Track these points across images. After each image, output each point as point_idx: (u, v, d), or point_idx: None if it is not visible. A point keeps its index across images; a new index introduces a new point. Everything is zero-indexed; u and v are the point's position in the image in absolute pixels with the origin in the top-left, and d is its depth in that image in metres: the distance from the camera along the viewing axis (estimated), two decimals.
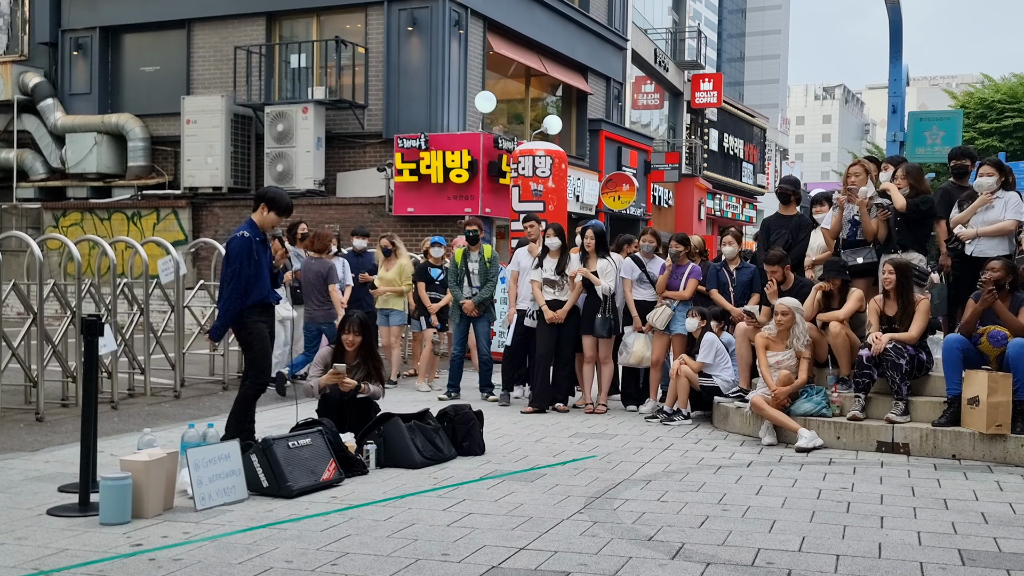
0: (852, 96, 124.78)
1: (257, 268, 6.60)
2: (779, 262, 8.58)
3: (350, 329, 7.32)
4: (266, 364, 6.84)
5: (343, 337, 7.35)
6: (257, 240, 6.65)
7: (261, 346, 6.72)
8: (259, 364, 6.73)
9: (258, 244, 6.66)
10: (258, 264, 6.61)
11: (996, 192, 7.96)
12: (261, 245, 6.71)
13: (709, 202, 34.45)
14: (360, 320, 7.37)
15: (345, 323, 7.42)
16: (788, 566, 4.47)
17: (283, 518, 5.27)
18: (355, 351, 7.32)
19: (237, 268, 6.52)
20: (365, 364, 7.34)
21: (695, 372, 8.72)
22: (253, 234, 6.64)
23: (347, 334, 7.32)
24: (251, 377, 6.76)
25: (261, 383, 6.76)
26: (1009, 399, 7.00)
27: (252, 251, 6.55)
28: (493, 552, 4.65)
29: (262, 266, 6.67)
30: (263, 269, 6.68)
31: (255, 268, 6.57)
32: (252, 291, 6.57)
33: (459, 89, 18.94)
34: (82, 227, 20.41)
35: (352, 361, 7.29)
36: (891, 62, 14.08)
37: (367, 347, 7.40)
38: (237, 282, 6.53)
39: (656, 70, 31.09)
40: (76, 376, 8.99)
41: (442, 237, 11.87)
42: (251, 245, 6.55)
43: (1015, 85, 30.73)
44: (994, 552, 4.73)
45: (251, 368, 6.80)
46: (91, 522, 5.11)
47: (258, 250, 6.64)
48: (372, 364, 7.37)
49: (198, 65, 20.47)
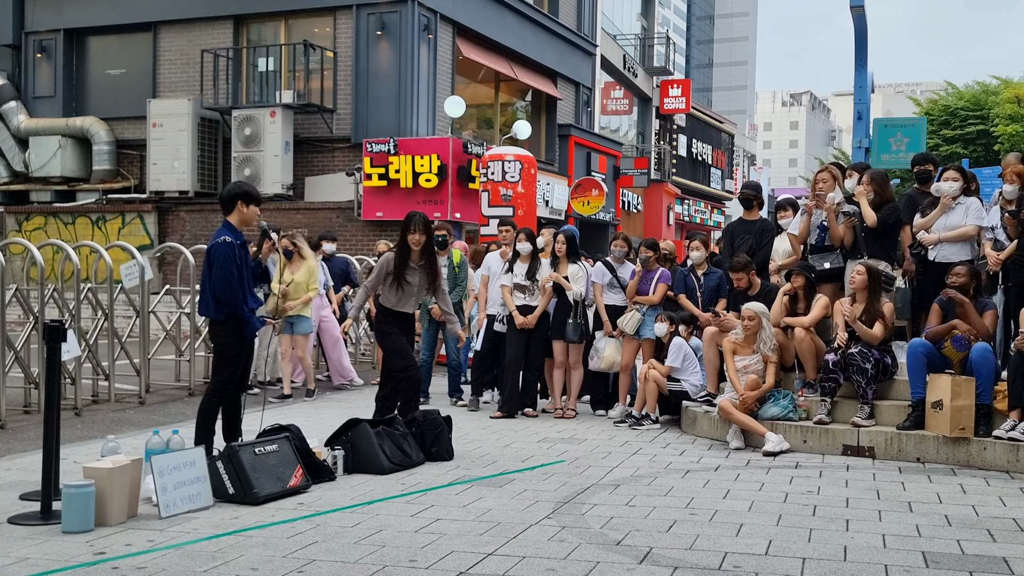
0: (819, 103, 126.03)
1: (239, 275, 6.34)
2: (743, 269, 8.65)
3: (415, 228, 7.53)
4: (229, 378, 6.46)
5: (409, 237, 7.56)
6: (238, 244, 6.39)
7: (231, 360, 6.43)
8: (224, 376, 6.47)
9: (239, 248, 6.39)
10: (240, 271, 6.34)
11: (958, 198, 8.06)
12: (241, 249, 6.43)
13: (678, 207, 34.64)
14: (424, 219, 7.64)
15: (410, 222, 7.59)
16: (755, 569, 4.49)
17: (249, 525, 5.22)
18: (420, 251, 7.62)
19: (226, 272, 6.26)
20: (429, 268, 7.70)
21: (663, 376, 8.75)
22: (235, 238, 6.39)
23: (413, 233, 7.54)
24: (212, 384, 6.57)
25: (221, 394, 6.51)
26: (972, 403, 7.08)
27: (236, 256, 6.32)
28: (461, 558, 4.64)
29: (244, 275, 6.40)
30: (245, 277, 6.42)
31: (238, 275, 6.33)
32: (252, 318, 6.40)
33: (428, 94, 18.92)
34: (46, 231, 20.17)
35: (418, 261, 7.63)
36: (856, 69, 14.23)
37: (429, 244, 7.68)
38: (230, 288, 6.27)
39: (625, 76, 31.24)
40: (39, 382, 8.86)
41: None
42: (235, 250, 6.33)
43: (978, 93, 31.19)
44: (957, 554, 4.77)
45: (215, 375, 6.57)
46: (53, 530, 5.04)
47: (240, 255, 6.38)
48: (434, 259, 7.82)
49: (164, 68, 20.31)
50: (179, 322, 11.96)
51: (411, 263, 7.68)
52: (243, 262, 6.41)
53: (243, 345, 6.51)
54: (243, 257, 6.43)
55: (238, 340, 6.44)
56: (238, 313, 6.33)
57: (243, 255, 6.44)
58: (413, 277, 7.70)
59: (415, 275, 7.70)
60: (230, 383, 6.50)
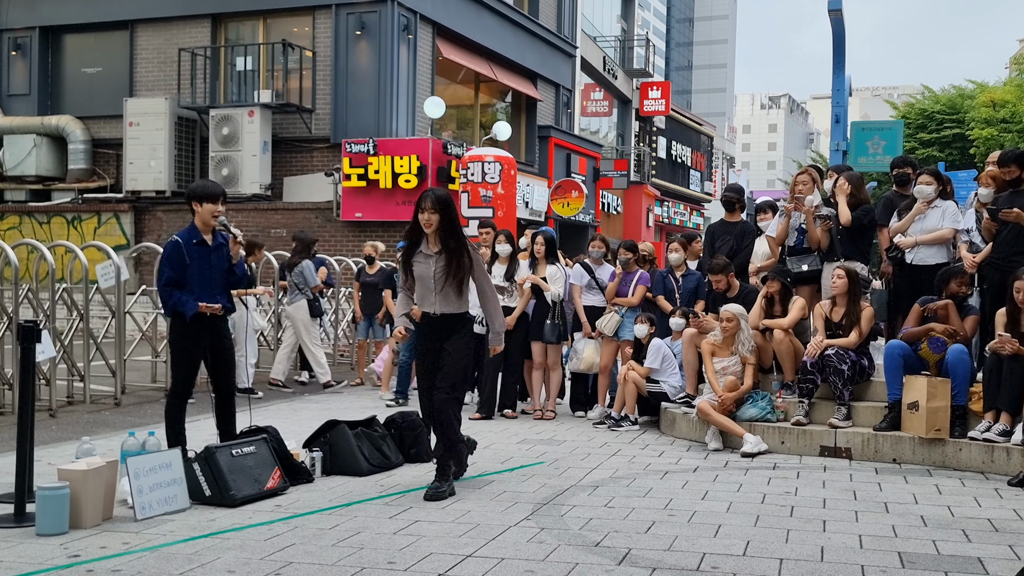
0: (797, 106, 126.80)
1: (181, 275, 6.23)
2: (722, 271, 8.68)
3: (424, 206, 6.03)
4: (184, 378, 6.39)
5: (419, 216, 6.11)
6: (194, 243, 6.29)
7: (181, 359, 6.37)
8: (178, 376, 6.39)
9: (194, 248, 6.29)
10: (188, 269, 6.24)
11: (934, 201, 8.13)
12: (199, 248, 6.31)
13: (657, 209, 34.75)
14: (440, 196, 6.10)
15: (421, 200, 6.12)
16: (733, 570, 4.50)
17: (226, 527, 5.18)
18: (435, 232, 6.12)
19: (159, 270, 6.30)
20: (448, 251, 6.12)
21: (643, 378, 8.77)
22: (186, 237, 6.29)
23: (422, 212, 6.07)
24: (171, 384, 6.52)
25: (181, 395, 6.42)
26: (948, 404, 7.13)
27: (181, 256, 6.23)
28: (440, 560, 4.62)
29: (195, 272, 6.27)
30: (196, 275, 6.28)
31: (181, 275, 6.23)
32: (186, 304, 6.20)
33: (408, 94, 18.89)
34: (20, 231, 19.99)
35: (434, 248, 6.15)
36: (834, 72, 14.32)
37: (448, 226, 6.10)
38: (161, 286, 6.27)
39: (605, 78, 31.31)
40: (12, 383, 8.77)
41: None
42: (179, 250, 6.24)
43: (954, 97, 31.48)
44: (933, 555, 4.80)
45: (171, 374, 6.53)
46: (27, 533, 4.98)
47: (192, 254, 6.27)
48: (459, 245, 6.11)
49: (141, 67, 20.18)
50: (155, 323, 11.87)
51: (423, 249, 6.24)
52: (194, 259, 6.27)
53: (192, 342, 6.32)
54: (195, 255, 6.27)
55: (182, 337, 6.32)
56: (179, 309, 6.21)
57: (196, 253, 6.28)
58: (426, 267, 6.18)
59: (429, 265, 6.17)
60: (184, 382, 6.39)
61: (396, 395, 10.20)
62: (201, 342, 6.39)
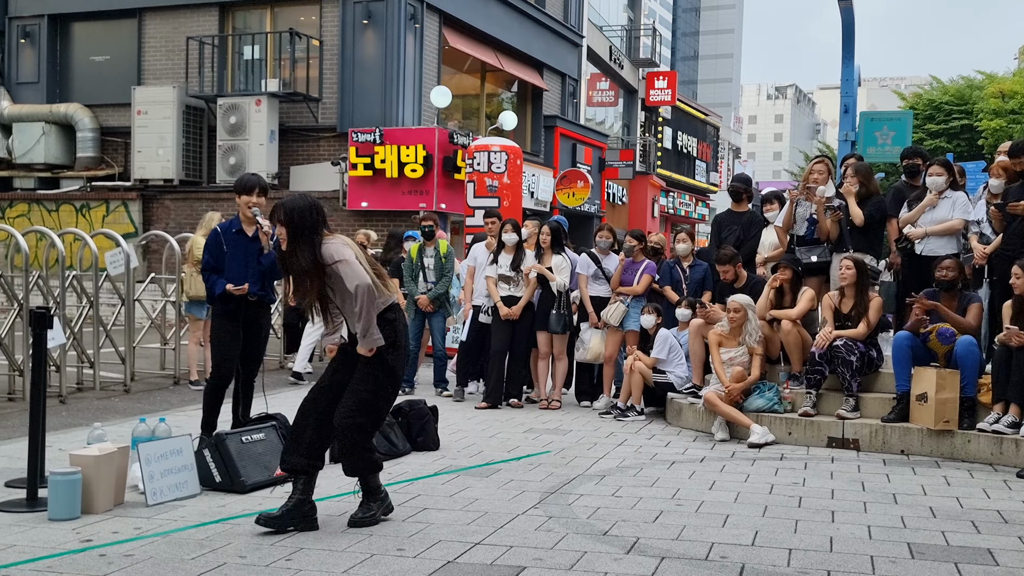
0: (804, 96, 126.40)
1: (219, 261, 6.55)
2: (730, 261, 8.67)
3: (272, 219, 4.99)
4: (219, 361, 6.59)
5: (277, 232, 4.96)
6: (233, 232, 6.62)
7: (216, 343, 6.60)
8: (214, 360, 6.64)
9: (232, 236, 6.61)
10: (223, 257, 6.55)
11: (944, 192, 8.11)
12: (237, 236, 6.61)
13: (662, 200, 34.68)
14: (284, 205, 4.91)
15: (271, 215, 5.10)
16: (742, 560, 4.51)
17: (236, 513, 5.21)
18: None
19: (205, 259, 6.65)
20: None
21: (649, 368, 8.78)
22: (226, 226, 6.68)
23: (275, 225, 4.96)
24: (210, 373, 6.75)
25: (215, 380, 6.60)
26: (956, 395, 7.13)
27: (219, 243, 6.58)
28: (448, 547, 4.65)
29: (230, 258, 6.55)
30: (231, 261, 6.54)
31: (219, 261, 6.55)
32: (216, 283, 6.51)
33: (414, 83, 18.86)
34: (29, 218, 20.01)
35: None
36: (843, 62, 14.27)
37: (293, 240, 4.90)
38: (201, 271, 6.74)
39: (611, 67, 31.23)
40: (23, 370, 8.81)
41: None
42: (217, 237, 6.61)
43: (962, 87, 31.32)
44: (943, 546, 4.81)
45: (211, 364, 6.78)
46: (39, 518, 5.02)
47: (229, 242, 6.58)
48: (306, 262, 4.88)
49: (149, 55, 20.17)
50: (164, 310, 11.91)
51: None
52: (232, 247, 6.56)
53: (226, 329, 6.54)
54: (233, 242, 6.58)
55: (218, 324, 6.59)
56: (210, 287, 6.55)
57: (234, 240, 6.58)
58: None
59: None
60: (219, 367, 6.57)
61: (403, 383, 10.21)
62: (235, 329, 6.56)
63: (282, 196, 18.56)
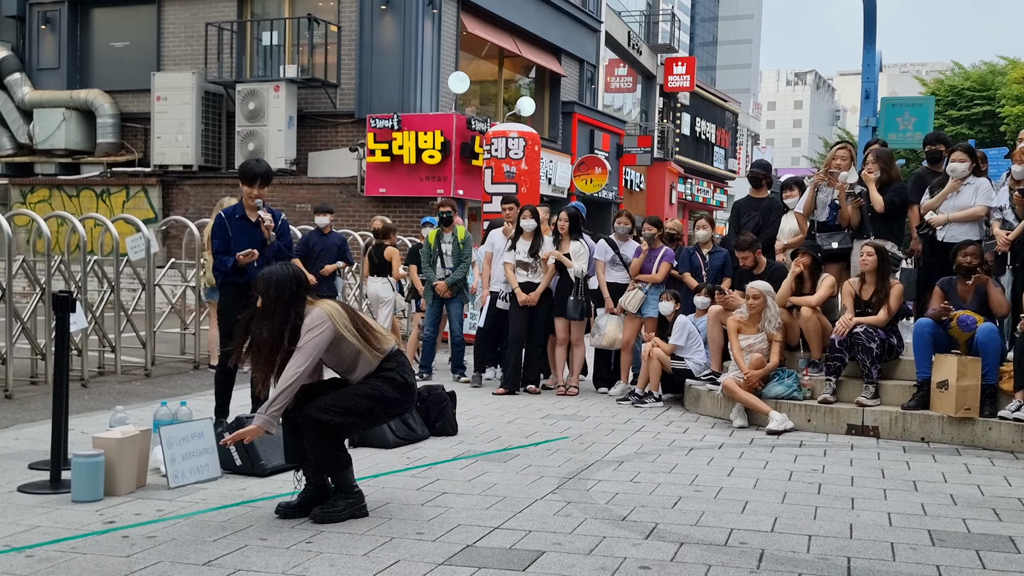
0: (823, 82, 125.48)
1: (227, 245, 6.70)
2: (749, 247, 8.63)
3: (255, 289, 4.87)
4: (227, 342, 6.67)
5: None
6: (237, 217, 6.75)
7: (223, 325, 6.84)
8: (222, 342, 6.89)
9: (236, 221, 6.74)
10: (229, 241, 6.70)
11: (967, 178, 8.04)
12: (241, 222, 6.74)
13: (680, 186, 34.56)
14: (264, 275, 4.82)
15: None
16: (761, 546, 4.51)
17: (257, 496, 5.25)
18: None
19: (213, 244, 6.82)
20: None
21: (667, 355, 8.76)
22: (230, 212, 6.81)
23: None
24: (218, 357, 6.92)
25: (224, 362, 6.73)
26: (978, 383, 7.09)
27: (224, 228, 6.71)
28: (468, 531, 4.66)
29: (236, 243, 6.69)
30: (237, 246, 6.67)
31: (228, 244, 6.70)
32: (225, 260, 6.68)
33: (432, 69, 18.83)
34: (50, 204, 20.14)
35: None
36: (865, 47, 14.13)
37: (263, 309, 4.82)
38: (213, 254, 6.84)
39: (629, 53, 31.08)
40: (45, 353, 8.88)
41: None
42: (222, 223, 6.73)
43: (985, 73, 31.05)
44: (963, 533, 4.80)
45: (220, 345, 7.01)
46: (63, 499, 5.07)
47: (235, 227, 6.71)
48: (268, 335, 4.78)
49: (168, 41, 20.22)
50: (184, 295, 11.97)
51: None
52: (236, 232, 6.72)
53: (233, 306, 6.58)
54: (237, 228, 6.73)
55: (228, 307, 6.74)
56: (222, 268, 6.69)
57: (238, 226, 6.73)
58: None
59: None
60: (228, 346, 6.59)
61: (421, 369, 10.24)
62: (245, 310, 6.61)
63: (300, 182, 18.66)
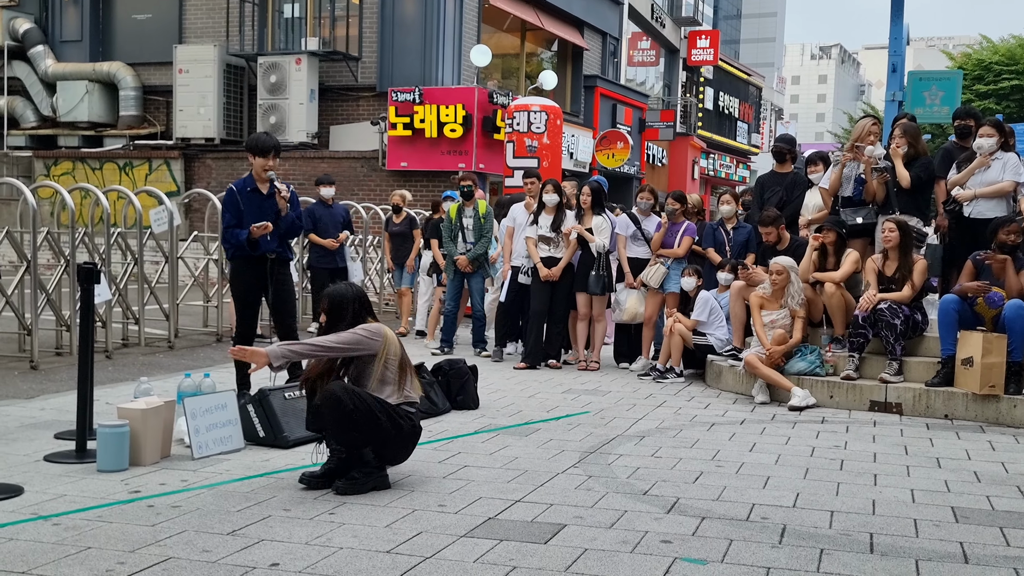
0: (848, 56, 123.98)
1: (239, 219, 6.75)
2: (773, 223, 8.58)
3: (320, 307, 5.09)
4: (242, 313, 6.94)
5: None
6: (248, 191, 6.79)
7: (237, 296, 6.95)
8: (237, 312, 6.96)
9: (248, 195, 6.79)
10: (242, 215, 6.75)
11: (995, 153, 7.93)
12: (252, 195, 6.80)
13: (703, 161, 34.34)
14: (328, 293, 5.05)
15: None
16: (783, 521, 4.50)
17: (280, 467, 5.28)
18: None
19: (223, 218, 6.87)
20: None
21: (689, 330, 8.74)
22: (240, 185, 6.85)
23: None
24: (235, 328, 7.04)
25: (241, 331, 6.93)
26: (1003, 360, 7.03)
27: (235, 202, 6.76)
28: (489, 504, 4.68)
29: (247, 216, 6.74)
30: (248, 219, 6.73)
31: (239, 218, 6.75)
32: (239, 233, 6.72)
33: (454, 42, 18.75)
34: (73, 176, 20.26)
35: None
36: (892, 20, 13.95)
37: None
38: (223, 230, 6.87)
39: (653, 26, 30.81)
40: (70, 324, 8.96)
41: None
42: (233, 196, 6.78)
43: (1014, 47, 30.61)
44: (987, 510, 4.77)
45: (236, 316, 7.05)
46: (88, 469, 5.12)
47: (246, 200, 6.76)
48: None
49: (191, 14, 20.22)
50: (207, 268, 12.03)
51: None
52: (248, 205, 6.75)
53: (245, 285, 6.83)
54: (248, 201, 6.77)
55: (238, 280, 6.87)
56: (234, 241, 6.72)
57: (249, 199, 6.77)
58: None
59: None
60: (242, 322, 6.89)
61: (442, 344, 10.26)
62: (255, 285, 6.86)
63: (322, 155, 18.63)
